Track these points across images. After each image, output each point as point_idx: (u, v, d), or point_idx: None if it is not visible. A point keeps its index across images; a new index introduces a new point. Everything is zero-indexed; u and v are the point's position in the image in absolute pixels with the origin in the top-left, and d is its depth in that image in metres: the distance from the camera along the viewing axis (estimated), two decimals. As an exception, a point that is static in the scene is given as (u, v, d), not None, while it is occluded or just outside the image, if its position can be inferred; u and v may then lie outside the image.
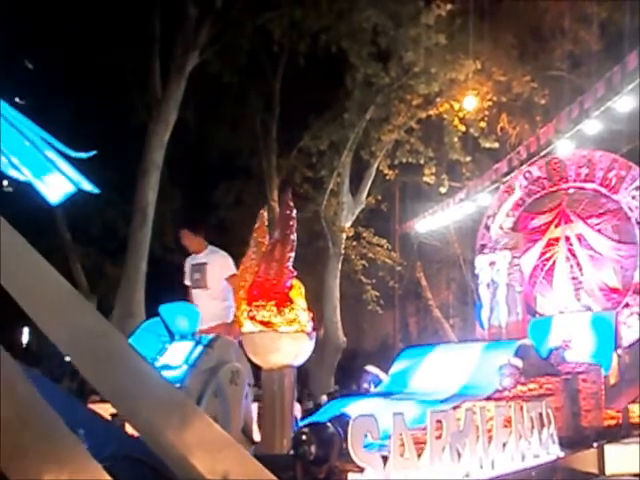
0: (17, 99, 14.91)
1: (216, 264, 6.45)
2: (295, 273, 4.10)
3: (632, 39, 12.28)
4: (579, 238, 8.66)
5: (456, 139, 15.35)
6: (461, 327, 18.33)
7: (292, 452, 3.19)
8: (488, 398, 5.41)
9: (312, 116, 15.70)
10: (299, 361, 4.14)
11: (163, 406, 2.30)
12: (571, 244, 8.69)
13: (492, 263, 7.44)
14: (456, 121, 15.24)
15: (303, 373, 16.54)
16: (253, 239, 4.22)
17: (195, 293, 6.50)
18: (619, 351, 7.76)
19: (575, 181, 8.82)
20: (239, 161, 16.79)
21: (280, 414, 3.92)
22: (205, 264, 6.50)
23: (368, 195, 16.64)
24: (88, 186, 2.78)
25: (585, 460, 5.60)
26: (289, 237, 4.09)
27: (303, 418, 5.11)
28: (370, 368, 6.69)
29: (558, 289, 8.70)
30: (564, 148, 11.34)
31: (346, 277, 16.95)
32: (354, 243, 17.16)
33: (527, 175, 9.24)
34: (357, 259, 17.23)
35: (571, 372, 6.44)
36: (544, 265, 8.82)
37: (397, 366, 6.75)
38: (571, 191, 8.86)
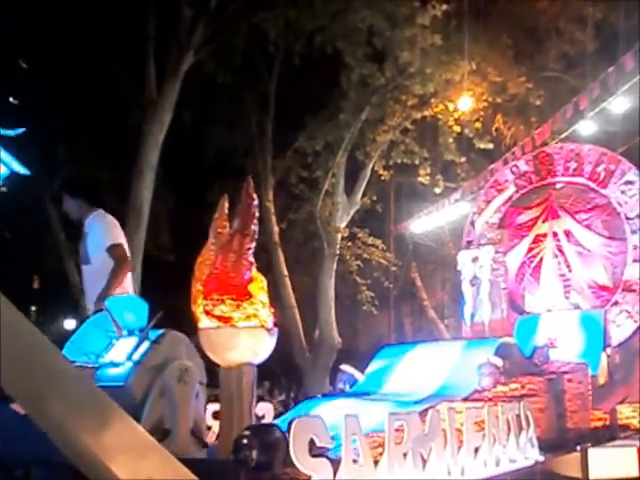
0: (12, 99, 14.98)
1: (95, 233, 5.43)
2: (255, 265, 3.92)
3: (627, 40, 12.15)
4: (567, 234, 8.40)
5: (451, 140, 15.31)
6: (456, 327, 18.12)
7: (232, 457, 2.95)
8: (465, 399, 5.19)
9: (307, 116, 15.66)
10: (259, 359, 3.93)
11: (79, 406, 2.17)
12: (559, 240, 8.44)
13: (475, 259, 7.26)
14: (451, 122, 15.20)
15: (298, 374, 16.51)
16: (212, 229, 4.00)
17: (83, 271, 5.55)
18: (608, 350, 7.56)
19: (563, 175, 8.59)
20: (234, 161, 16.68)
21: (238, 415, 3.72)
22: (86, 234, 5.49)
23: (363, 195, 16.59)
24: (19, 167, 2.67)
25: (568, 464, 5.40)
26: (250, 227, 3.89)
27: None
28: (345, 367, 6.45)
29: (546, 287, 8.45)
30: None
31: (341, 277, 16.89)
32: (349, 243, 17.09)
33: (514, 169, 9.03)
34: (352, 259, 17.15)
35: (556, 372, 6.24)
36: (531, 262, 8.57)
37: (374, 365, 6.47)
38: (559, 186, 8.65)
